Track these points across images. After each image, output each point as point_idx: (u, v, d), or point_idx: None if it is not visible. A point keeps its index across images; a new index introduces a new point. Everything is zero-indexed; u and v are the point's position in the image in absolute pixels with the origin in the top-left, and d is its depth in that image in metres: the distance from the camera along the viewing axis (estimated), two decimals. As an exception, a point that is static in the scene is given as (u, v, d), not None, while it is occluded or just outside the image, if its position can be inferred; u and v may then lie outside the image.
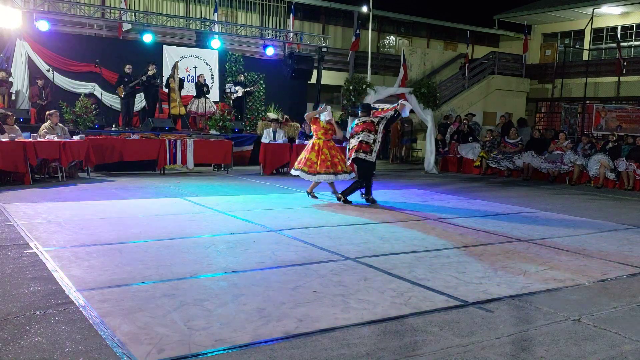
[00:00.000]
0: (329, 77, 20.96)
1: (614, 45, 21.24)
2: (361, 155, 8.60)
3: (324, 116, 8.95)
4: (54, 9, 15.20)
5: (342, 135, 9.65)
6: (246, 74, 17.02)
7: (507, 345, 3.34)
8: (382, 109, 9.07)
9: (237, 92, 16.23)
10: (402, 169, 16.23)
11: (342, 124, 15.30)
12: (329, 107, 9.14)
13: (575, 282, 4.72)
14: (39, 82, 13.78)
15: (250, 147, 14.54)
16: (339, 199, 8.83)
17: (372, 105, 10.27)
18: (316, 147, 8.92)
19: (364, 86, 14.19)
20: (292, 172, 9.26)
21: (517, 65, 22.37)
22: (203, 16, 19.67)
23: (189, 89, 15.60)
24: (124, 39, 17.09)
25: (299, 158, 9.13)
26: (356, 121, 8.90)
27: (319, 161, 8.81)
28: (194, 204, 8.19)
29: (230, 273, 4.65)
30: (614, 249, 6.13)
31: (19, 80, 14.06)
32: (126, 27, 17.05)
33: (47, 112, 11.05)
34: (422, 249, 5.75)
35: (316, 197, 9.07)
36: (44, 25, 14.22)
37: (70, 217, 6.74)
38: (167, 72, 15.37)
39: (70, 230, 6.02)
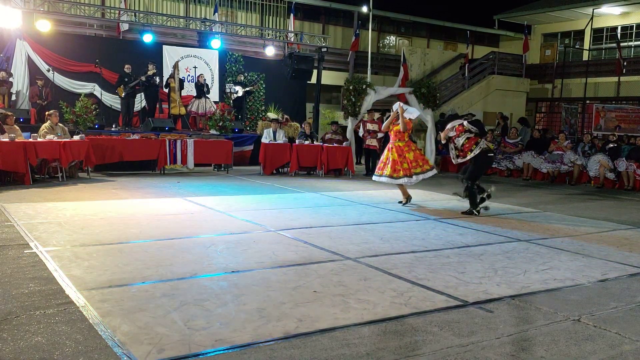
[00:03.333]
0: (329, 77, 20.96)
1: (614, 45, 21.24)
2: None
3: (411, 114, 8.78)
4: (54, 9, 15.20)
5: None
6: (246, 74, 17.03)
7: (507, 345, 3.34)
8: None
9: (237, 91, 16.23)
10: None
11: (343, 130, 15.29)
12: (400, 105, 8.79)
13: (575, 282, 4.72)
14: (39, 82, 13.77)
15: (250, 147, 14.54)
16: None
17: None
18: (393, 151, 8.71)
19: (364, 86, 14.19)
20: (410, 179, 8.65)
21: (517, 65, 22.36)
22: (203, 16, 19.67)
23: (189, 89, 15.61)
24: (124, 39, 17.09)
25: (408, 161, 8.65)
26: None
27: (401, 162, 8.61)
28: (194, 204, 8.19)
29: (230, 273, 4.65)
30: (614, 249, 6.13)
31: (19, 80, 14.07)
32: (126, 27, 17.06)
33: (47, 112, 11.05)
34: (422, 249, 5.75)
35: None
36: (44, 25, 14.22)
37: (70, 217, 6.74)
38: (167, 72, 15.38)
39: (70, 230, 6.02)
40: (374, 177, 9.00)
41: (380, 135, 13.93)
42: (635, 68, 20.64)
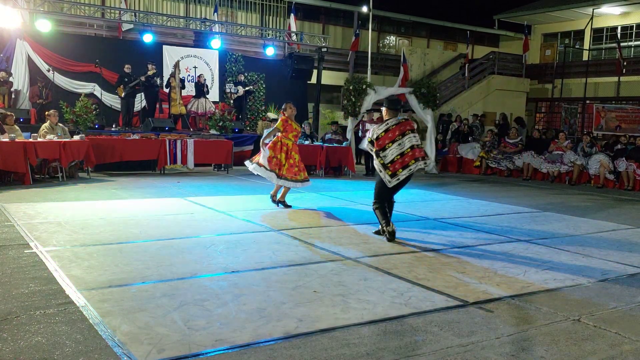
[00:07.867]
0: (329, 77, 20.95)
1: (614, 45, 21.24)
2: (421, 165, 6.28)
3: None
4: (54, 9, 15.19)
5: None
6: (246, 74, 17.02)
7: (507, 345, 3.34)
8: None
9: (237, 91, 16.24)
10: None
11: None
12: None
13: (575, 282, 4.72)
14: (39, 82, 13.76)
15: (250, 147, 14.52)
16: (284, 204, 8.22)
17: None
18: (284, 149, 8.03)
19: (364, 86, 14.19)
20: (251, 168, 8.17)
21: (517, 65, 22.36)
22: (203, 16, 19.66)
23: (189, 89, 15.61)
24: (124, 39, 17.08)
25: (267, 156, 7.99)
26: (382, 126, 6.22)
27: (287, 165, 7.99)
28: (194, 204, 8.19)
29: (230, 273, 4.65)
30: (614, 249, 6.14)
31: (19, 80, 14.06)
32: (126, 27, 17.05)
33: (47, 112, 11.06)
34: (422, 249, 5.75)
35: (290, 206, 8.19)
36: (44, 25, 14.21)
37: (70, 217, 6.74)
38: (167, 72, 15.37)
39: (70, 230, 6.02)
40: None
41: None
42: (635, 68, 20.64)
